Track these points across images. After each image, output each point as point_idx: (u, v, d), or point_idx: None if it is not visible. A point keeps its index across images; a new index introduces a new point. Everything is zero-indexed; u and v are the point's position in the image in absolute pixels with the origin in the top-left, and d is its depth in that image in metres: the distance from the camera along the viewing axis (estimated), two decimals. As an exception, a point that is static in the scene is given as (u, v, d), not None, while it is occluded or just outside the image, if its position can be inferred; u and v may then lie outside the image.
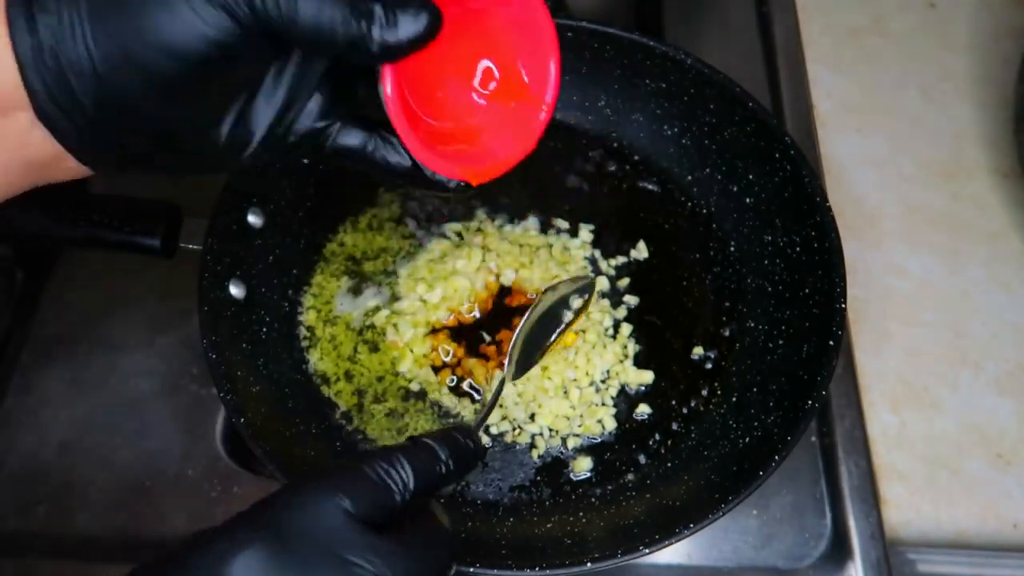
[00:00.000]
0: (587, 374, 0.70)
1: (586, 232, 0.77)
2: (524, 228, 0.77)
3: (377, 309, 0.72)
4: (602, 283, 0.74)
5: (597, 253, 0.76)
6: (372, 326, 0.71)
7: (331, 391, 0.69)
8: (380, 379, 0.69)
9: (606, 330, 0.72)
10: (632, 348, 0.71)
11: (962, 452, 0.72)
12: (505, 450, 0.67)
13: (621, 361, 0.71)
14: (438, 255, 0.75)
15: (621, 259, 0.75)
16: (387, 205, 0.78)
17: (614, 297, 0.74)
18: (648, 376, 0.70)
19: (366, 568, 0.36)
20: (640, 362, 0.71)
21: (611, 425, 0.68)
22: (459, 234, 0.76)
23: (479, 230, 0.77)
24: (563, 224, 0.77)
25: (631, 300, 0.73)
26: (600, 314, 0.72)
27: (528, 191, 0.78)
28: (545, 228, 0.77)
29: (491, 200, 0.78)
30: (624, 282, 0.74)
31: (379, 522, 0.39)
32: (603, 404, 0.69)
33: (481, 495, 0.65)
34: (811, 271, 0.67)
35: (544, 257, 0.75)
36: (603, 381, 0.70)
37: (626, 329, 0.72)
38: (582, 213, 0.78)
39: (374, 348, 0.70)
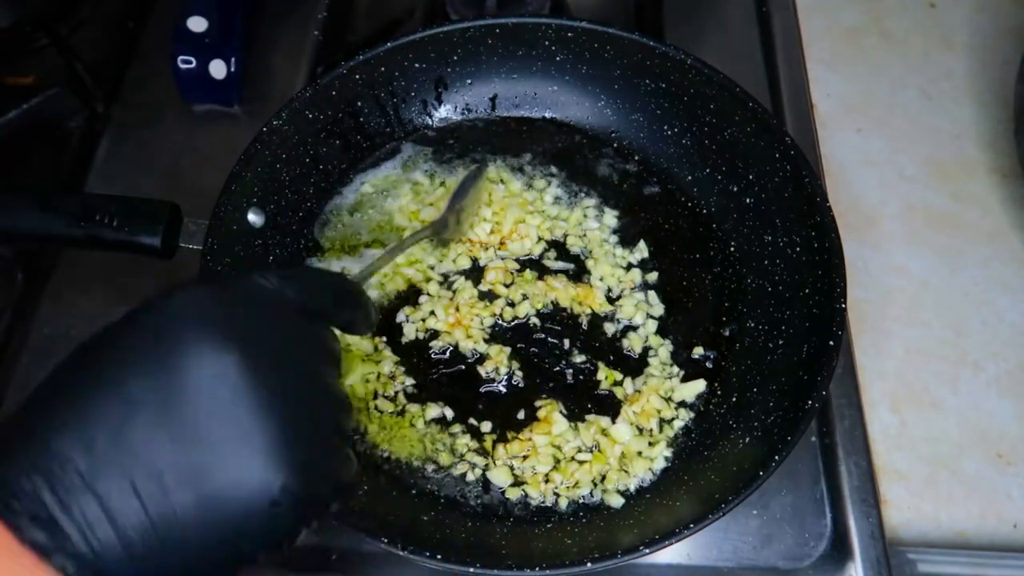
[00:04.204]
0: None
1: (611, 217, 0.77)
2: (541, 192, 0.78)
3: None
4: (635, 276, 0.74)
5: (615, 238, 0.76)
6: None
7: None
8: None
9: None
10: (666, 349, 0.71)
11: (962, 452, 0.72)
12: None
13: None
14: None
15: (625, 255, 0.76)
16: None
17: (645, 290, 0.74)
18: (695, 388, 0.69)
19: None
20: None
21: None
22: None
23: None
24: (590, 202, 0.78)
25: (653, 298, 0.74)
26: (634, 309, 0.73)
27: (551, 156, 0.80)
28: (571, 203, 0.78)
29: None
30: (653, 276, 0.74)
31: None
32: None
33: (485, 498, 0.65)
34: (811, 271, 0.67)
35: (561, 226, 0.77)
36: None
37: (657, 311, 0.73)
38: (609, 198, 0.78)
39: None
